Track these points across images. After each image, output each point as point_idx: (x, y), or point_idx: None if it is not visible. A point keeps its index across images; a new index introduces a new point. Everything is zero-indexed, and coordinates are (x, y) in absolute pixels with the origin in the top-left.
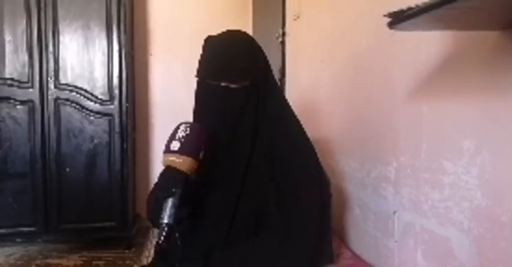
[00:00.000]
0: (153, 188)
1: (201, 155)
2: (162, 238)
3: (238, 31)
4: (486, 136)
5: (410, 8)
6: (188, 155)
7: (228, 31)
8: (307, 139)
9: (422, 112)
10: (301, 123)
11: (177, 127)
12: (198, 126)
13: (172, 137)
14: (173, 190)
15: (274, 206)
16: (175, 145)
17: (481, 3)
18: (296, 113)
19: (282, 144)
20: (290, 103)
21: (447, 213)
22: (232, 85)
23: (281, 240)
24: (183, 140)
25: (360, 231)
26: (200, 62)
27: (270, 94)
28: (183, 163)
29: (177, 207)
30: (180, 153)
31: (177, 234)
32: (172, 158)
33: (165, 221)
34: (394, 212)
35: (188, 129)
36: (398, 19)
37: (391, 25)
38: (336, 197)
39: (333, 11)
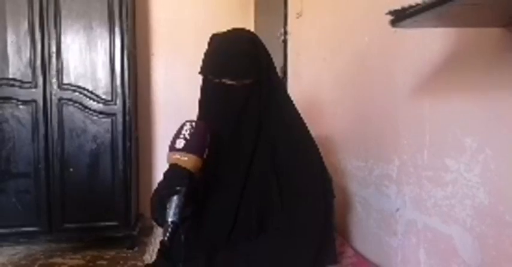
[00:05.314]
0: (157, 186)
1: (205, 153)
2: (167, 236)
3: (243, 29)
4: (489, 133)
5: (412, 6)
6: (193, 154)
7: (233, 29)
8: (310, 136)
9: (424, 109)
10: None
11: (182, 125)
12: (203, 124)
13: (177, 135)
14: (178, 188)
15: (277, 204)
16: (180, 143)
17: (482, 0)
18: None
19: (285, 142)
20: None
21: (450, 211)
22: (235, 83)
23: (284, 240)
24: (188, 138)
25: (363, 229)
26: (204, 59)
27: (273, 92)
28: (188, 161)
29: (182, 205)
30: (185, 151)
31: (181, 233)
32: (177, 156)
33: (170, 219)
34: (397, 210)
35: (193, 127)
36: (400, 17)
37: (393, 23)
38: (338, 196)
39: (335, 9)
